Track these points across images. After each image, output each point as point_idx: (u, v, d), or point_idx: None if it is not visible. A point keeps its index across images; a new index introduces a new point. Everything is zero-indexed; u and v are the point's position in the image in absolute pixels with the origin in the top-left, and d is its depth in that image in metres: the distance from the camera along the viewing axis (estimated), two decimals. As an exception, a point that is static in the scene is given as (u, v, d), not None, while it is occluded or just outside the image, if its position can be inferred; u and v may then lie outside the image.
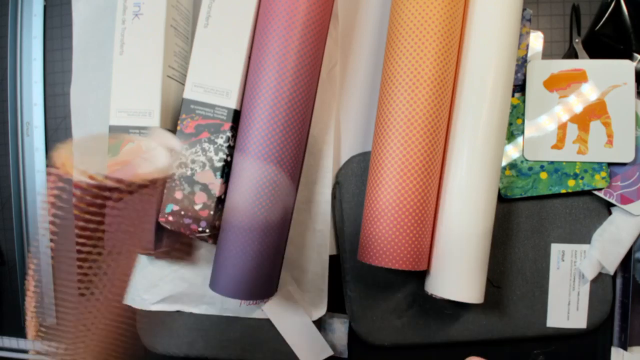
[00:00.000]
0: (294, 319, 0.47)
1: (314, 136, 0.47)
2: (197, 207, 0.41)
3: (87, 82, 0.50)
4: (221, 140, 0.41)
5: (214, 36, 0.42)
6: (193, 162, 0.41)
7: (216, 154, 0.41)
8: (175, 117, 0.43)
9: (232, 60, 0.41)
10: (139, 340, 0.50)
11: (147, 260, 0.48)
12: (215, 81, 0.41)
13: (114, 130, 0.42)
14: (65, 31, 0.52)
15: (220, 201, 0.41)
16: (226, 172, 0.41)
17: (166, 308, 0.48)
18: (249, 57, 0.42)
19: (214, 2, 0.42)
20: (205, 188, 0.41)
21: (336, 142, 0.47)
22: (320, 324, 0.49)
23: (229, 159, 0.41)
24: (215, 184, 0.41)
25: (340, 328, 0.48)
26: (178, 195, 0.41)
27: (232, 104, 0.41)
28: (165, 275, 0.48)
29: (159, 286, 0.48)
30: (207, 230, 0.41)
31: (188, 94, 0.42)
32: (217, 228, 0.42)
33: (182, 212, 0.41)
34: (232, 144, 0.42)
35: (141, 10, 0.42)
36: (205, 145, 0.41)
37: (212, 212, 0.41)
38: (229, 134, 0.41)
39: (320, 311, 0.47)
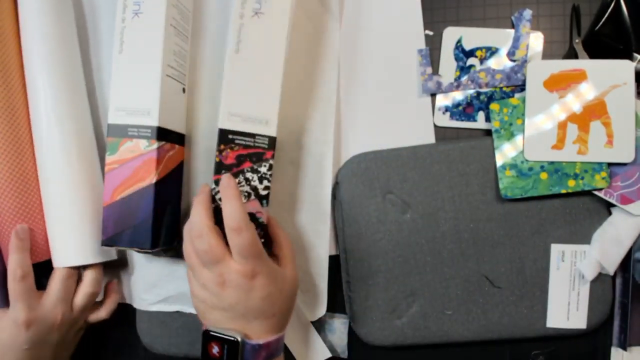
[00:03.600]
0: (292, 320, 0.47)
1: (313, 136, 0.47)
2: None
3: (87, 81, 0.50)
4: (264, 169, 0.40)
5: (247, 61, 0.40)
6: None
7: (260, 182, 0.40)
8: (173, 116, 0.43)
9: (268, 86, 0.40)
10: (139, 340, 0.50)
11: (147, 260, 0.48)
12: (253, 109, 0.40)
13: (113, 128, 0.42)
14: (64, 30, 0.52)
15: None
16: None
17: (166, 308, 0.48)
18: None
19: (243, 25, 0.40)
20: (253, 217, 0.40)
21: (336, 142, 0.47)
22: (320, 324, 0.49)
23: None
24: (263, 213, 0.41)
25: (340, 328, 0.48)
26: None
27: (273, 131, 0.40)
28: (165, 275, 0.48)
29: (158, 286, 0.48)
30: None
31: (224, 123, 0.40)
32: None
33: None
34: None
35: (141, 9, 0.42)
36: (249, 174, 0.40)
37: (262, 240, 0.40)
38: (271, 161, 0.41)
39: (320, 311, 0.47)
